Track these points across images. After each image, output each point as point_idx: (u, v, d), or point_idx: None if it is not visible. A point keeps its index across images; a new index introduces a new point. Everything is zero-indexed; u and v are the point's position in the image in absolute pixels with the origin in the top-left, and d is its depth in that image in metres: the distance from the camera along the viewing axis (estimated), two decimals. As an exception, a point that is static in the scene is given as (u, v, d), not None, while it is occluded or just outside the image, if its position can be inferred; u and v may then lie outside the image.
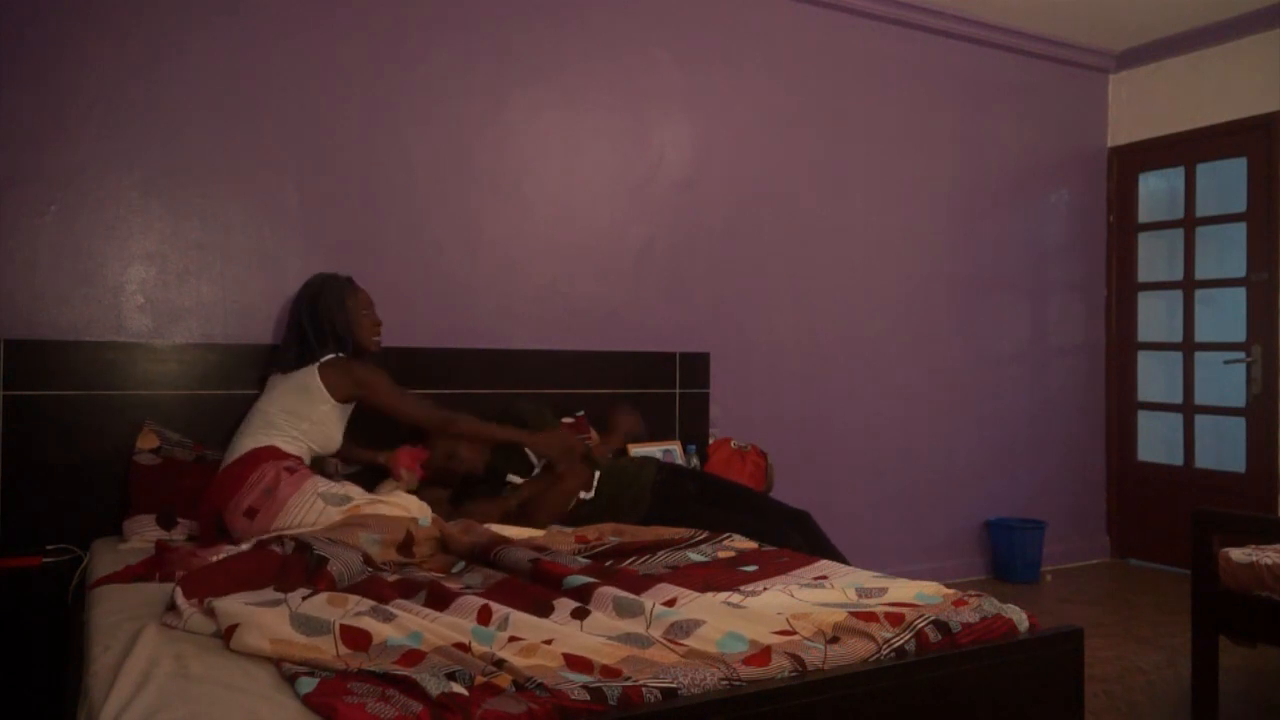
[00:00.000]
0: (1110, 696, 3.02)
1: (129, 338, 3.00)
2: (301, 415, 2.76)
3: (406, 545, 2.39)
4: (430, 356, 3.39)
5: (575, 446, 3.03)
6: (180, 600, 1.82)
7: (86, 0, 2.95)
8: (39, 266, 2.90)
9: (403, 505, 2.57)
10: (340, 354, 2.87)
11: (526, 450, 3.04)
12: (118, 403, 2.90)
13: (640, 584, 2.08)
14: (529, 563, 2.16)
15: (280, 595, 1.86)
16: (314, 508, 2.51)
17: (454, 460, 2.93)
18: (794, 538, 2.80)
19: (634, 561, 2.41)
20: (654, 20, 3.92)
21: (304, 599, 1.82)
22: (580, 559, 2.30)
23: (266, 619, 1.68)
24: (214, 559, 2.21)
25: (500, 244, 3.59)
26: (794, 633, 1.74)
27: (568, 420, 3.48)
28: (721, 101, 4.07)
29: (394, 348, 3.27)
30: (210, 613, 1.75)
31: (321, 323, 2.87)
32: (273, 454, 2.65)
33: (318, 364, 2.81)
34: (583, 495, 2.99)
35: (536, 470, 3.07)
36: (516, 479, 3.02)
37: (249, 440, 2.70)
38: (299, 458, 2.71)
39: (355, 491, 2.63)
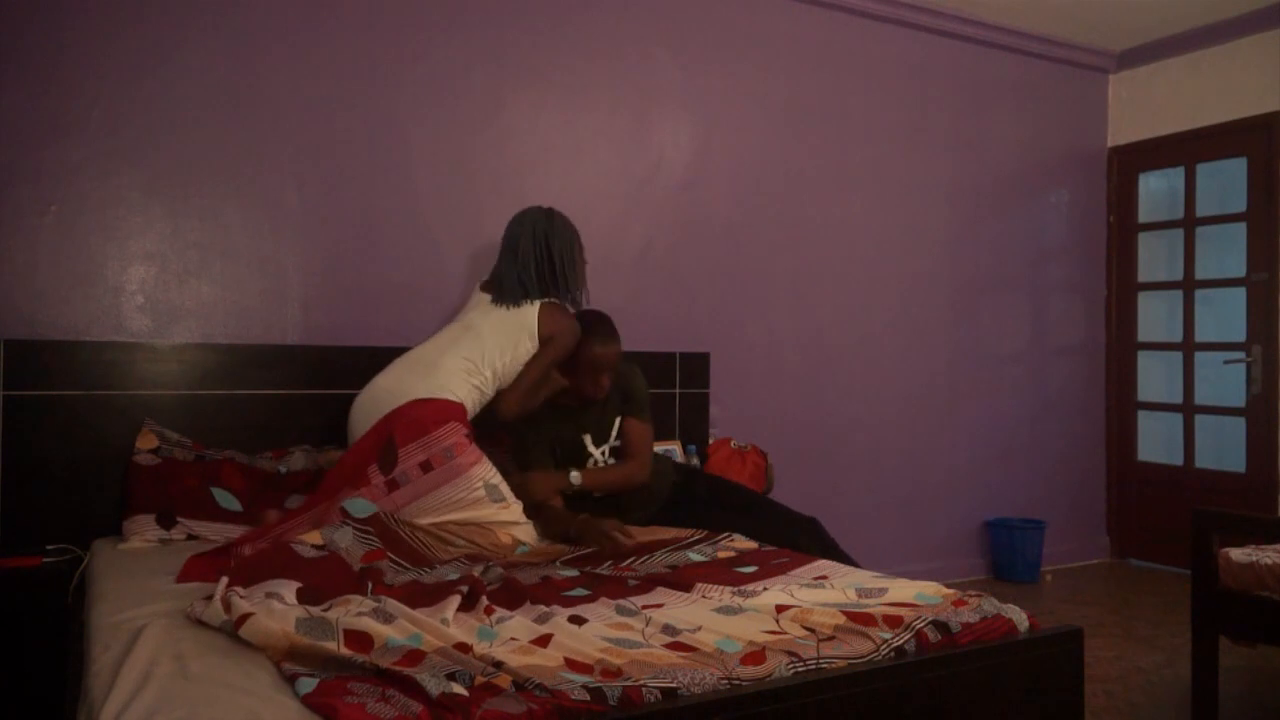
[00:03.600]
0: (1110, 696, 3.02)
1: (129, 338, 3.00)
2: (495, 357, 2.72)
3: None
4: (430, 356, 3.39)
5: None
6: (221, 591, 1.84)
7: (86, 0, 2.96)
8: (39, 266, 2.90)
9: (511, 535, 2.52)
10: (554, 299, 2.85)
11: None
12: (117, 403, 2.90)
13: (635, 589, 2.09)
14: (538, 580, 2.18)
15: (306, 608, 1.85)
16: (472, 494, 2.48)
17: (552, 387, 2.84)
18: (804, 543, 2.76)
19: (633, 561, 2.41)
20: (654, 20, 3.92)
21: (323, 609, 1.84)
22: (572, 569, 2.31)
23: (275, 615, 1.70)
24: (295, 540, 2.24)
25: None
26: (785, 633, 1.75)
27: None
28: (721, 101, 4.07)
29: (394, 348, 3.27)
30: (226, 604, 1.77)
31: (556, 264, 2.84)
32: (457, 414, 2.59)
33: (540, 303, 2.78)
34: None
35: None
36: (594, 450, 2.89)
37: (434, 383, 2.62)
38: (470, 426, 2.65)
39: (506, 490, 2.57)
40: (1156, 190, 5.20)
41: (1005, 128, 4.85)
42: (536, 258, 2.86)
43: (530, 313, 2.79)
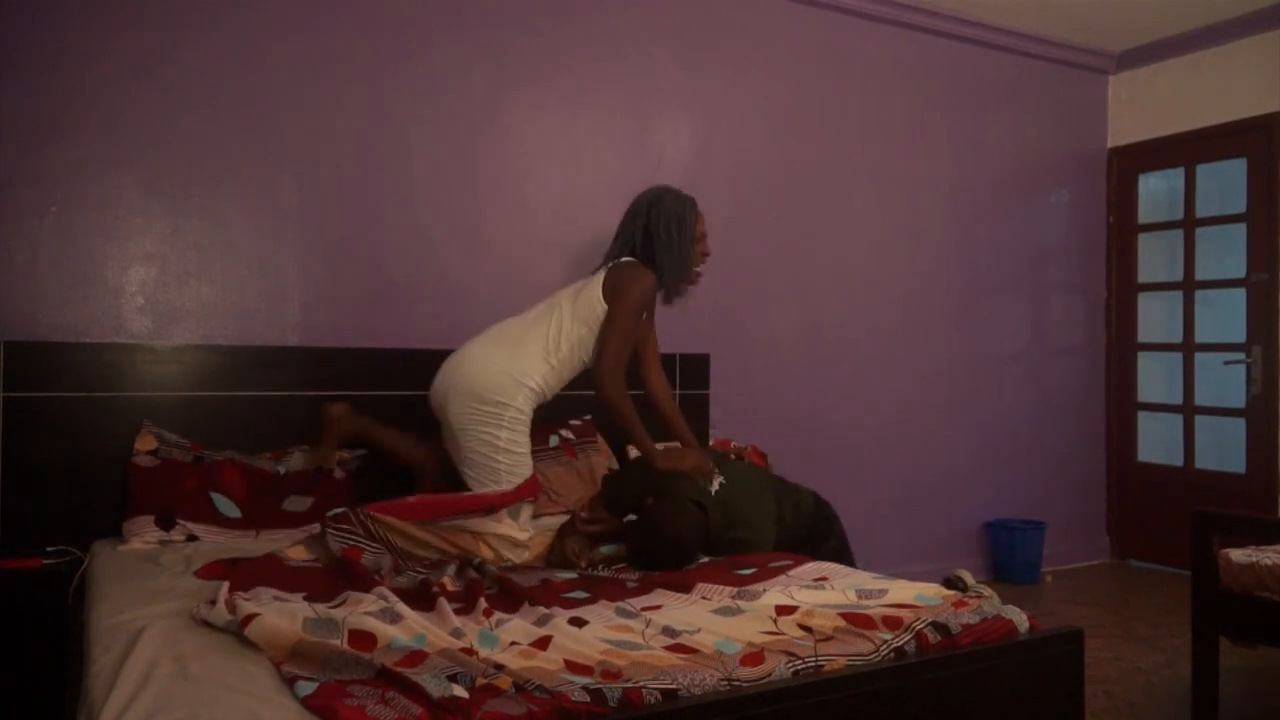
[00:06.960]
0: (1110, 697, 3.02)
1: (129, 339, 2.99)
2: (570, 330, 2.66)
3: None
4: (430, 356, 3.35)
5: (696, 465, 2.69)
6: (223, 594, 1.85)
7: (86, 0, 2.95)
8: (39, 267, 2.90)
9: (496, 550, 2.48)
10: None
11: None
12: (117, 404, 2.89)
13: (634, 590, 2.09)
14: (537, 583, 2.18)
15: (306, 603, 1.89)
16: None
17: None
18: None
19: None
20: (654, 20, 3.92)
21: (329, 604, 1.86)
22: (574, 573, 2.31)
23: (284, 614, 1.71)
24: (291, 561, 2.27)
25: (500, 244, 3.59)
26: (784, 633, 1.75)
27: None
28: (721, 102, 4.07)
29: (393, 348, 3.28)
30: (231, 605, 1.77)
31: (655, 225, 2.73)
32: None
33: (608, 266, 2.66)
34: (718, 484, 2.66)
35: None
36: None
37: (515, 362, 2.64)
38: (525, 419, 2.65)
39: (521, 509, 2.61)
40: (1156, 191, 5.20)
41: (1005, 128, 4.85)
42: (646, 223, 2.77)
43: (599, 278, 2.71)
